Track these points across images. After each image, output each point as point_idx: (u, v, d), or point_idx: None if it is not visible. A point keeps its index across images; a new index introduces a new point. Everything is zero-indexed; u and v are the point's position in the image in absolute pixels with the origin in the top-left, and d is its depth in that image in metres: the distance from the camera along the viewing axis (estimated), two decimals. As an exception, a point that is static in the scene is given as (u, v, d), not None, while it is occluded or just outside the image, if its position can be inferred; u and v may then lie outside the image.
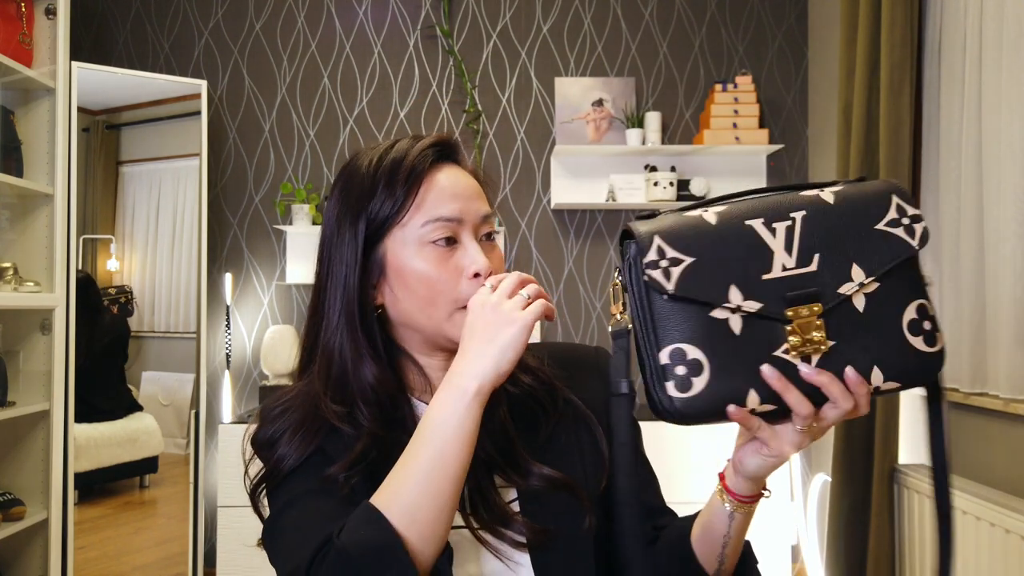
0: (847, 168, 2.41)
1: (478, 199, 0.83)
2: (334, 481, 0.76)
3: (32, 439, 2.48)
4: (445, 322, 0.80)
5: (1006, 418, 1.96)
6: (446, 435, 0.69)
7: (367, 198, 0.81)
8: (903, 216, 0.69)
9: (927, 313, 0.68)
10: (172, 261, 3.06)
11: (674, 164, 3.10)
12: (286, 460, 0.79)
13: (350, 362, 0.81)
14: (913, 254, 0.68)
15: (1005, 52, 1.91)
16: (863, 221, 0.68)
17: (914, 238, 0.69)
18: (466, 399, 0.69)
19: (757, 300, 0.66)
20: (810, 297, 0.66)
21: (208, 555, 2.97)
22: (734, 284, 0.66)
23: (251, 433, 0.84)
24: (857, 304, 0.67)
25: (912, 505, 2.12)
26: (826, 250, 0.67)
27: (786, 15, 3.21)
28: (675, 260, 0.67)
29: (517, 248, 3.19)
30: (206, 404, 2.94)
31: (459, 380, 0.70)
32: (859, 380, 0.66)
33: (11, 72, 2.36)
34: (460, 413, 0.69)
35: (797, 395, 0.65)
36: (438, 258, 0.79)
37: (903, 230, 0.69)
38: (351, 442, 0.79)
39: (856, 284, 0.67)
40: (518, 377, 0.86)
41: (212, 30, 3.19)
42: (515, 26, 3.20)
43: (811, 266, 0.67)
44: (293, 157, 3.20)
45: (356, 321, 0.81)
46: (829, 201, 0.69)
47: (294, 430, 0.80)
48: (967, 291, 2.05)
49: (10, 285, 2.37)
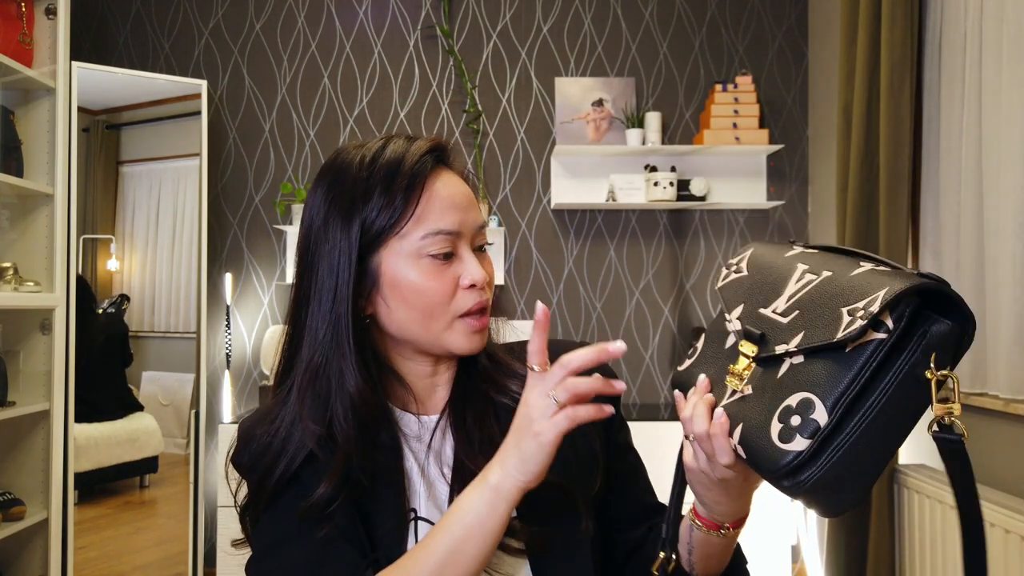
0: (847, 168, 2.41)
1: (473, 209, 0.82)
2: (315, 517, 0.74)
3: (32, 439, 2.48)
4: (444, 332, 0.79)
5: (1006, 418, 1.96)
6: (465, 527, 0.68)
7: (361, 201, 0.77)
8: (862, 309, 0.59)
9: (808, 412, 0.59)
10: (172, 261, 3.06)
11: (674, 164, 3.10)
12: (268, 481, 0.77)
13: (335, 376, 0.77)
14: (827, 341, 0.60)
15: (1005, 52, 1.91)
16: (842, 298, 0.62)
17: (843, 330, 0.59)
18: (488, 494, 0.68)
19: (740, 322, 0.70)
20: (754, 337, 0.67)
21: (208, 555, 2.97)
22: (744, 303, 0.72)
23: (231, 454, 0.82)
24: (782, 368, 0.64)
25: (912, 505, 2.12)
26: (804, 311, 0.64)
27: (786, 15, 3.21)
28: (739, 269, 0.76)
29: (517, 248, 3.19)
30: (206, 404, 2.94)
31: (487, 474, 0.69)
32: (721, 425, 0.65)
33: (11, 72, 2.36)
34: (482, 509, 0.68)
35: (696, 399, 0.68)
36: (434, 270, 0.78)
37: (847, 319, 0.60)
38: (328, 469, 0.76)
39: (786, 348, 0.63)
40: (508, 387, 0.84)
41: (212, 30, 3.19)
42: (515, 26, 3.20)
43: (785, 319, 0.66)
44: (293, 157, 3.20)
45: (345, 334, 0.77)
46: (852, 273, 0.64)
47: (276, 452, 0.77)
48: (967, 291, 2.05)
49: (10, 285, 2.37)
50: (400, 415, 0.84)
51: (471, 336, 0.80)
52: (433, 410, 0.86)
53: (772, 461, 0.59)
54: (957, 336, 0.59)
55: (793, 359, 0.63)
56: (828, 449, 0.58)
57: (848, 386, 0.58)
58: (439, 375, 0.86)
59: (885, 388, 0.58)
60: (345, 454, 0.76)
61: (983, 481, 2.02)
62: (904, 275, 0.60)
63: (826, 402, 0.58)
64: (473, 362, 0.86)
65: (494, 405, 0.84)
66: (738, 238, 3.19)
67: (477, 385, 0.85)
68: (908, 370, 0.58)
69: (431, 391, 0.86)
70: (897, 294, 0.57)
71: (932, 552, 2.01)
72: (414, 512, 0.80)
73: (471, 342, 0.80)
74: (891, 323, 0.58)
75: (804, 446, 0.58)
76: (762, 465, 0.61)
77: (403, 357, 0.84)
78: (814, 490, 0.59)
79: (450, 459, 0.82)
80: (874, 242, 2.29)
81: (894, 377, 0.58)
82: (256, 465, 0.78)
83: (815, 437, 0.58)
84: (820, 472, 0.58)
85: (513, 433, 0.69)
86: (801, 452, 0.58)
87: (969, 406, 2.10)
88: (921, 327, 0.59)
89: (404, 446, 0.82)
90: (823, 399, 0.58)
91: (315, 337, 0.78)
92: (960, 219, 2.10)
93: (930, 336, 0.58)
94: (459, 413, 0.84)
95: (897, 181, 2.20)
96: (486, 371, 0.85)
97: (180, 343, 3.01)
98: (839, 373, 0.59)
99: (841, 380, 0.58)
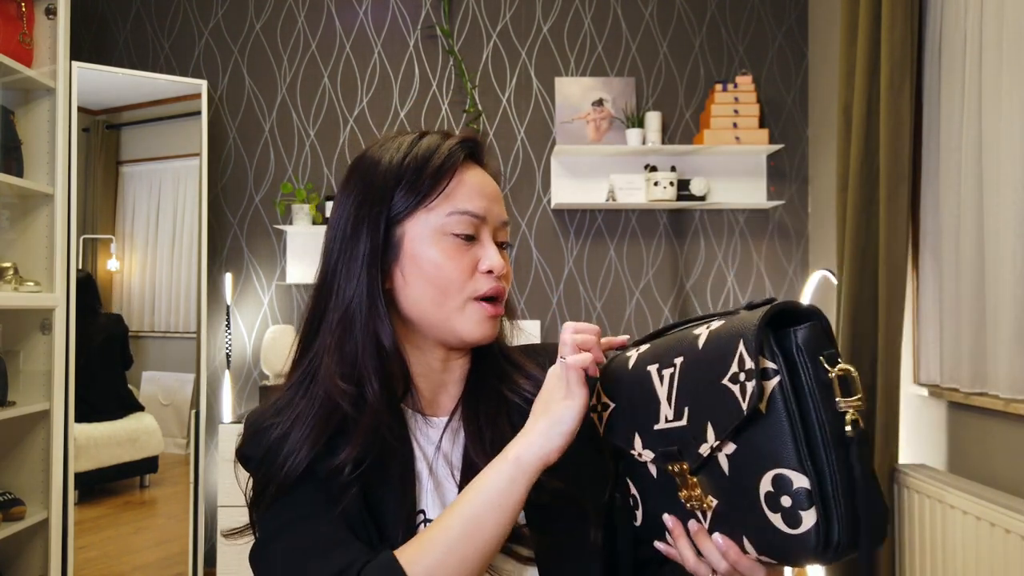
0: (847, 168, 2.41)
1: (500, 204, 0.83)
2: (324, 496, 0.74)
3: (32, 439, 2.48)
4: (456, 313, 0.79)
5: (1006, 418, 1.96)
6: (484, 502, 0.68)
7: (393, 185, 0.79)
8: (741, 370, 0.58)
9: (789, 487, 0.56)
10: (172, 261, 3.06)
11: (674, 164, 3.10)
12: (280, 473, 0.74)
13: (366, 333, 0.78)
14: (740, 419, 0.58)
15: (1005, 52, 1.91)
16: (714, 373, 0.60)
17: (745, 398, 0.57)
18: (508, 467, 0.68)
19: (650, 450, 0.67)
20: (674, 455, 0.64)
21: (208, 555, 2.97)
22: (638, 432, 0.68)
23: (239, 445, 0.80)
24: (723, 465, 0.61)
25: (912, 505, 2.12)
26: (693, 403, 0.62)
27: (786, 15, 3.21)
28: (605, 405, 0.72)
29: (517, 248, 3.19)
30: (206, 404, 2.94)
31: (507, 451, 0.70)
32: (727, 546, 0.62)
33: (11, 72, 2.36)
34: (502, 483, 0.68)
35: (684, 544, 0.67)
36: (456, 249, 0.78)
37: (739, 388, 0.58)
38: (355, 430, 0.75)
39: (709, 446, 0.60)
40: (519, 384, 0.84)
41: (212, 30, 3.19)
42: (515, 26, 3.20)
43: (682, 420, 0.63)
44: (293, 157, 3.20)
45: (378, 294, 0.78)
46: (699, 346, 0.62)
47: (300, 426, 0.76)
48: (968, 291, 2.05)
49: (10, 285, 2.37)
50: (410, 414, 0.83)
51: (483, 322, 0.80)
52: (442, 411, 0.85)
53: (802, 549, 0.56)
54: (821, 329, 0.59)
55: (724, 450, 0.60)
56: (831, 501, 0.56)
57: (795, 439, 0.56)
58: (449, 372, 0.85)
59: (818, 415, 0.57)
60: (375, 411, 0.76)
61: (983, 481, 2.02)
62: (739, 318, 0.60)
63: (793, 466, 0.56)
64: (487, 360, 0.86)
65: (507, 404, 0.83)
66: (738, 238, 3.19)
67: (491, 383, 0.84)
68: (817, 384, 0.58)
69: (440, 390, 0.85)
70: (756, 337, 0.57)
71: (932, 552, 2.01)
72: (423, 514, 0.79)
73: (482, 328, 0.80)
74: (772, 364, 0.57)
75: (814, 518, 0.56)
76: (795, 556, 0.57)
77: (414, 346, 0.83)
78: (854, 538, 0.57)
79: (459, 460, 0.81)
80: (874, 242, 2.29)
81: (814, 400, 0.58)
82: (270, 454, 0.76)
83: (815, 502, 0.56)
84: (845, 522, 0.56)
85: (537, 407, 0.71)
86: (816, 523, 0.56)
87: (969, 406, 2.10)
88: (791, 344, 0.58)
89: (414, 444, 0.81)
90: (788, 466, 0.56)
91: (344, 293, 0.79)
92: (960, 219, 2.10)
93: (805, 344, 0.58)
94: (472, 410, 0.83)
95: (897, 181, 2.20)
96: (500, 370, 0.85)
97: (180, 343, 3.01)
98: (777, 435, 0.57)
99: (785, 439, 0.57)
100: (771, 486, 0.57)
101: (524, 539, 0.76)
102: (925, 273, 2.29)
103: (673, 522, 0.67)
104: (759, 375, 0.57)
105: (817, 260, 3.11)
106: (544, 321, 3.18)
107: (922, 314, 2.30)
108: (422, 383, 0.84)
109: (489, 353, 0.86)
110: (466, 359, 0.86)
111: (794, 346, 0.59)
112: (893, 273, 2.19)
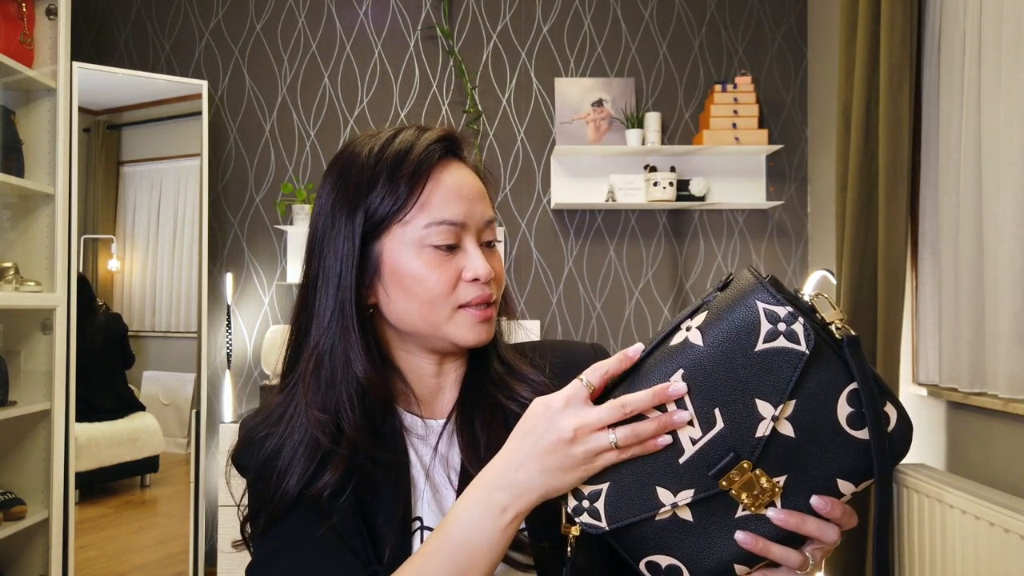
0: (846, 168, 2.41)
1: (482, 202, 0.79)
2: (319, 509, 0.72)
3: (33, 438, 2.48)
4: (446, 324, 0.77)
5: (1006, 418, 1.96)
6: (474, 552, 0.64)
7: (367, 190, 0.75)
8: (776, 322, 0.59)
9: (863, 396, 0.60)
10: (173, 261, 3.07)
11: (674, 164, 3.10)
12: (278, 491, 0.73)
13: (340, 362, 0.76)
14: (804, 361, 0.58)
15: (1005, 52, 1.92)
16: (741, 350, 0.59)
17: (799, 342, 0.58)
18: (503, 519, 0.63)
19: (687, 488, 0.61)
20: (730, 464, 0.60)
21: (208, 554, 2.98)
22: (658, 485, 0.62)
23: (233, 453, 0.78)
24: (785, 431, 0.60)
25: (912, 505, 2.12)
26: (723, 400, 0.60)
27: (786, 15, 3.21)
28: (593, 494, 0.63)
29: (517, 248, 3.19)
30: (207, 404, 2.95)
31: (499, 496, 0.64)
32: (828, 504, 0.61)
33: (12, 72, 2.37)
34: (494, 536, 0.64)
35: (780, 549, 0.63)
36: (437, 261, 0.75)
37: (783, 338, 0.59)
38: (333, 458, 0.74)
39: (769, 419, 0.59)
40: (518, 392, 0.81)
41: (213, 30, 3.20)
42: (515, 26, 3.20)
43: (717, 425, 0.60)
44: (294, 157, 3.20)
45: (351, 319, 0.76)
46: (699, 344, 0.61)
47: (289, 445, 0.74)
48: (967, 291, 2.06)
49: (11, 285, 2.38)
50: (403, 414, 0.81)
51: (475, 326, 0.77)
52: (440, 414, 0.83)
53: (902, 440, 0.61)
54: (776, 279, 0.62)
55: (784, 413, 0.60)
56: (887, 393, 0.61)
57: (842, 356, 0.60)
58: (445, 376, 0.83)
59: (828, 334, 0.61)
60: (351, 442, 0.74)
61: (982, 480, 2.02)
62: (728, 294, 0.62)
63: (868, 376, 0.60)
64: (483, 364, 0.84)
65: (503, 410, 0.80)
66: (737, 238, 3.20)
67: (486, 388, 0.82)
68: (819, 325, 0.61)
69: (437, 393, 0.84)
70: (771, 287, 0.60)
71: (931, 551, 2.02)
72: (419, 521, 0.78)
73: (476, 333, 0.77)
74: (789, 307, 0.59)
75: (893, 409, 0.61)
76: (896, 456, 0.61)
77: (407, 352, 0.81)
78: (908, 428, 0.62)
79: (457, 465, 0.79)
80: (873, 242, 2.30)
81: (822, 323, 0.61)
82: (263, 471, 0.75)
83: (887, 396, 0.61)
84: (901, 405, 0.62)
85: (538, 454, 0.63)
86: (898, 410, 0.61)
87: (968, 406, 2.10)
88: (767, 301, 0.60)
89: (409, 449, 0.80)
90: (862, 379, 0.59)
91: (321, 323, 0.76)
92: (959, 219, 2.10)
93: (779, 289, 0.61)
94: (467, 416, 0.81)
95: (896, 181, 2.20)
96: (496, 374, 0.83)
97: (181, 343, 3.02)
98: (831, 359, 0.60)
99: (840, 361, 0.60)
100: (848, 406, 0.60)
101: (523, 546, 0.74)
102: (924, 273, 2.29)
103: (747, 537, 0.62)
104: (792, 318, 0.59)
105: (816, 260, 3.11)
106: (544, 321, 3.18)
107: (921, 314, 2.30)
108: (418, 387, 0.82)
109: (485, 355, 0.84)
110: (462, 361, 0.85)
111: (773, 300, 0.61)
112: (892, 273, 2.19)
